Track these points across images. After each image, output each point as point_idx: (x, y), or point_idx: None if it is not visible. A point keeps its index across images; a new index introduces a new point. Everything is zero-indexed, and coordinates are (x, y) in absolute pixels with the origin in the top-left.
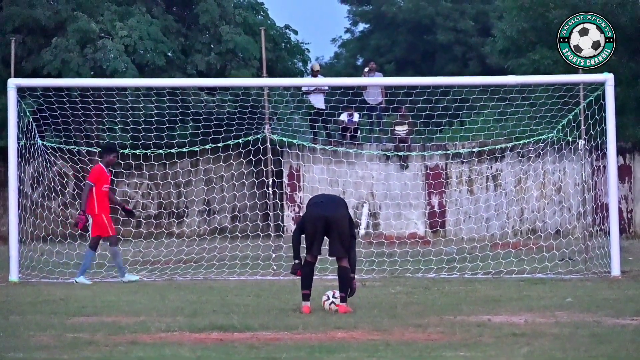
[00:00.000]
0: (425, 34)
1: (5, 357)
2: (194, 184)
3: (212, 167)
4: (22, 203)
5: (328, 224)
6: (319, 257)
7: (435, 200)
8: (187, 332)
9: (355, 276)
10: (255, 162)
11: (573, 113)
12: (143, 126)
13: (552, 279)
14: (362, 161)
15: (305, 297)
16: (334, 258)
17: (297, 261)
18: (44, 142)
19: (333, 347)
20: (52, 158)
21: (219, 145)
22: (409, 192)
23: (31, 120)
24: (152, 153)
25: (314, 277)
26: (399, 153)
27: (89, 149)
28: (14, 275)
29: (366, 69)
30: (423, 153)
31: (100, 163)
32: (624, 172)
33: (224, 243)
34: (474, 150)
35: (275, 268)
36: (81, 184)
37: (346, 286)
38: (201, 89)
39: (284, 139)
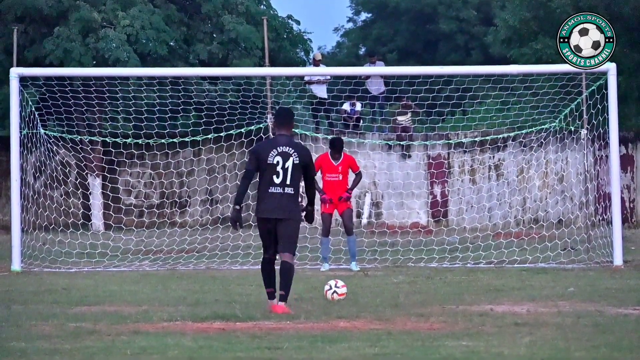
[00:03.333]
0: (427, 23)
1: (7, 346)
2: (196, 173)
3: (215, 156)
4: (24, 192)
5: (277, 225)
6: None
7: (437, 190)
8: (189, 322)
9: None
10: None
11: (575, 102)
12: (145, 116)
13: (555, 269)
14: (365, 150)
15: (270, 295)
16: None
17: (237, 207)
18: (47, 132)
19: (335, 336)
20: (55, 147)
21: (221, 134)
22: (411, 182)
23: (33, 109)
24: (154, 142)
25: (312, 268)
26: (402, 142)
27: (92, 138)
28: (16, 265)
29: (367, 64)
30: (425, 142)
31: (328, 152)
32: (626, 162)
33: (226, 233)
34: (476, 139)
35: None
36: (84, 174)
37: (287, 284)
38: (203, 78)
39: None
